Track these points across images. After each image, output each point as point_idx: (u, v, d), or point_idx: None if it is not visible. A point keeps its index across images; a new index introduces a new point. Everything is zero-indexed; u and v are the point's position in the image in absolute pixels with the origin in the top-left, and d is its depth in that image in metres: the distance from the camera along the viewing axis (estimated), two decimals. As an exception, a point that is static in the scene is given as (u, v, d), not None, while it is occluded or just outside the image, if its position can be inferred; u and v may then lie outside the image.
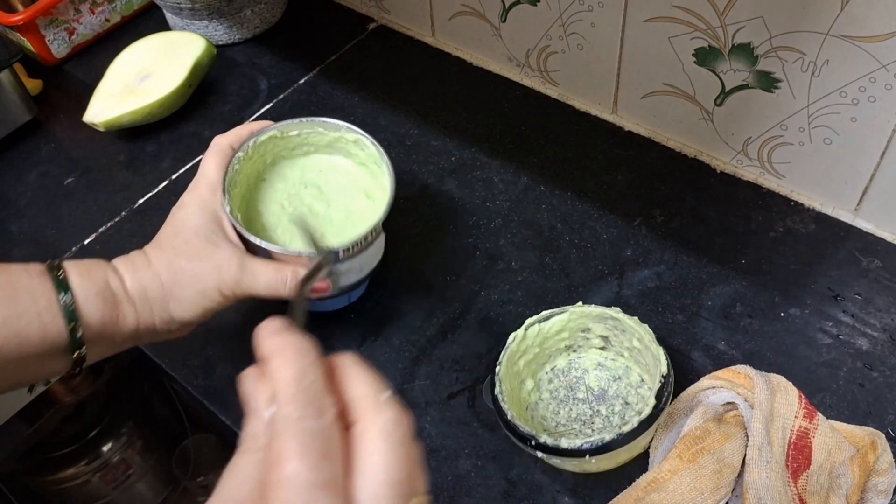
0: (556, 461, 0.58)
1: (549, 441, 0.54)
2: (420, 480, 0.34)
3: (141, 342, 0.58)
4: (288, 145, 0.68)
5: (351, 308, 0.71)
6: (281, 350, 0.34)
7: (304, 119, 0.67)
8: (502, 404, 0.57)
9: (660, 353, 0.57)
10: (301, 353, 0.34)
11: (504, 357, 0.59)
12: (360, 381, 0.35)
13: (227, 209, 0.60)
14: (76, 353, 0.53)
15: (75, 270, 0.54)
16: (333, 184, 0.68)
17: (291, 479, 0.31)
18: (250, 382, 0.35)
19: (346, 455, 0.33)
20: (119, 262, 0.57)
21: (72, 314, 0.52)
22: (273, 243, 0.60)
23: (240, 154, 0.64)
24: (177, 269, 0.56)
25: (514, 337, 0.60)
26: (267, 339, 0.35)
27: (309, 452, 0.32)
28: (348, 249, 0.60)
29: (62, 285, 0.52)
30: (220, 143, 0.62)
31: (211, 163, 0.61)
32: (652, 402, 0.55)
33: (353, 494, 0.32)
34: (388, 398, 0.35)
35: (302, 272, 0.58)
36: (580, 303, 0.61)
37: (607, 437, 0.54)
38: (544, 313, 0.61)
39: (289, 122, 0.67)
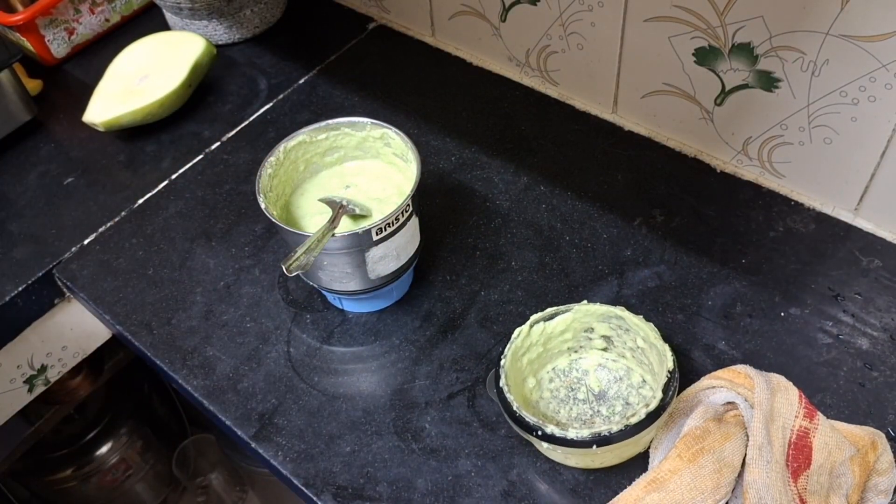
0: (559, 454, 0.58)
1: (557, 432, 0.54)
2: None
3: None
4: (318, 150, 0.69)
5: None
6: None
7: (330, 122, 0.69)
8: (507, 395, 0.57)
9: (666, 349, 0.57)
10: None
11: (508, 352, 0.59)
12: None
13: (263, 206, 0.63)
14: None
15: None
16: (371, 190, 0.69)
17: None
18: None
19: None
20: None
21: None
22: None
23: (271, 159, 0.66)
24: None
25: (519, 333, 0.60)
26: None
27: None
28: (381, 229, 0.61)
29: None
30: None
31: None
32: (659, 395, 0.55)
33: None
34: None
35: None
36: (585, 301, 0.61)
37: (615, 427, 0.54)
38: (549, 311, 0.61)
39: (315, 126, 0.68)
